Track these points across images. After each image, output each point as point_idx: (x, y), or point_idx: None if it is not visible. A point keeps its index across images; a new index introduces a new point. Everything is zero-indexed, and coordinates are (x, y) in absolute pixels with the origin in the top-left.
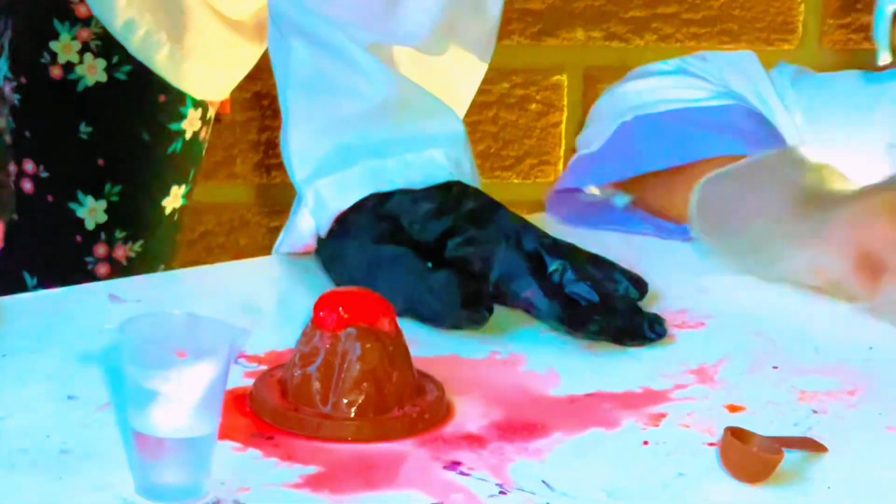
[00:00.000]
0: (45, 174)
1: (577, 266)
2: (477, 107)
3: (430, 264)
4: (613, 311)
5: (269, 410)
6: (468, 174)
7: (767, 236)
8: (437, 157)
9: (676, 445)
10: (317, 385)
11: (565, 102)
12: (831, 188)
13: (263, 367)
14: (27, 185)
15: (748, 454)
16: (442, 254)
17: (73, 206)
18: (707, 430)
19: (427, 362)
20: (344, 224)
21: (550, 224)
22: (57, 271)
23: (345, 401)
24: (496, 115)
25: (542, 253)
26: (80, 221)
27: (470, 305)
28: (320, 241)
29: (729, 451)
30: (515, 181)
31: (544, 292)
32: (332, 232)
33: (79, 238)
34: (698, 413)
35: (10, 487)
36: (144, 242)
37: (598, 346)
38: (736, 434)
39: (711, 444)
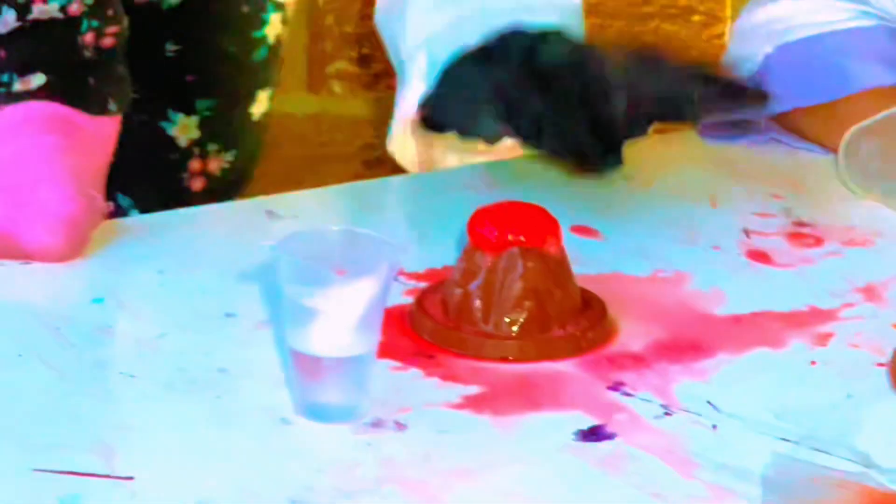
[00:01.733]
0: (133, 96)
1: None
2: (639, 18)
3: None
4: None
5: (429, 329)
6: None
7: None
8: (549, 20)
9: (845, 366)
10: (477, 303)
11: (728, 14)
12: None
13: (423, 285)
14: None
15: None
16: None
17: (164, 124)
18: (876, 350)
19: (589, 280)
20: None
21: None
22: (153, 191)
23: (506, 319)
24: (658, 27)
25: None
26: (172, 139)
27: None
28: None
29: None
30: None
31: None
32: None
33: (173, 156)
34: (867, 332)
35: (168, 406)
36: (236, 151)
37: (764, 263)
38: None
39: (881, 365)
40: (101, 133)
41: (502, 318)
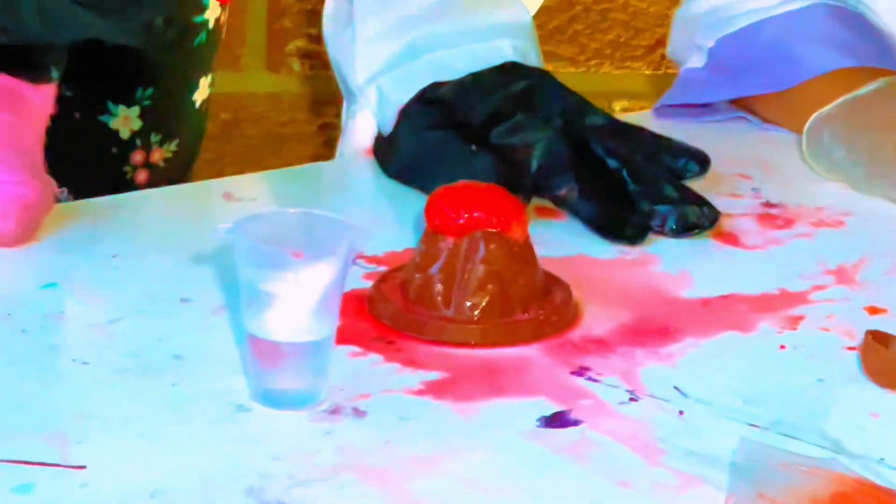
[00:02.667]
0: (68, 93)
1: (627, 151)
2: None
3: (474, 147)
4: (650, 212)
5: (389, 313)
6: (534, 64)
7: None
8: (502, 47)
9: (815, 349)
10: (439, 287)
11: None
12: None
13: (383, 269)
14: None
15: (890, 358)
16: (489, 137)
17: (104, 118)
18: (847, 334)
19: (553, 263)
20: (401, 115)
21: (659, 124)
22: (97, 186)
23: (468, 303)
24: (626, 3)
25: (591, 140)
26: (114, 132)
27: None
28: (379, 137)
29: (869, 355)
30: (646, 71)
31: (581, 190)
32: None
33: (114, 149)
34: (838, 315)
35: (122, 393)
36: (179, 140)
37: (733, 245)
38: (877, 337)
39: (851, 349)
40: (43, 102)
41: (464, 301)
